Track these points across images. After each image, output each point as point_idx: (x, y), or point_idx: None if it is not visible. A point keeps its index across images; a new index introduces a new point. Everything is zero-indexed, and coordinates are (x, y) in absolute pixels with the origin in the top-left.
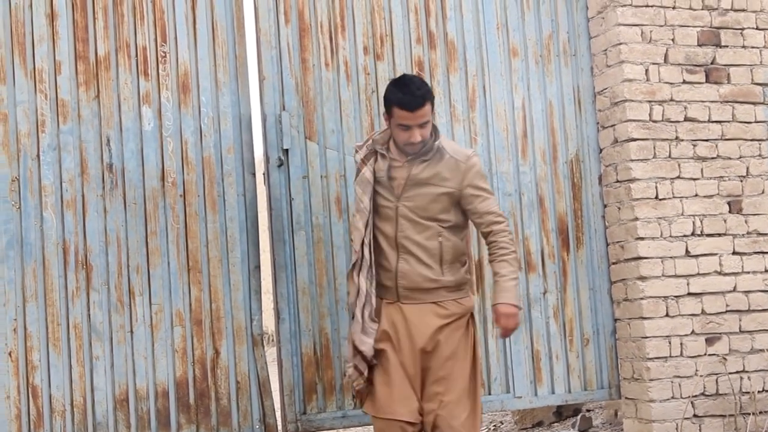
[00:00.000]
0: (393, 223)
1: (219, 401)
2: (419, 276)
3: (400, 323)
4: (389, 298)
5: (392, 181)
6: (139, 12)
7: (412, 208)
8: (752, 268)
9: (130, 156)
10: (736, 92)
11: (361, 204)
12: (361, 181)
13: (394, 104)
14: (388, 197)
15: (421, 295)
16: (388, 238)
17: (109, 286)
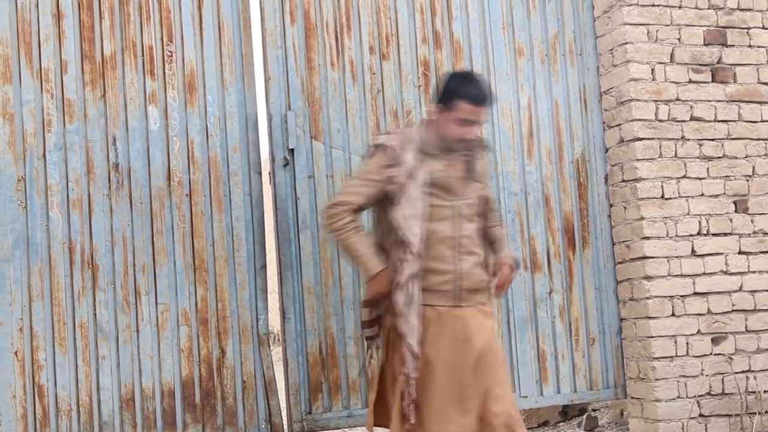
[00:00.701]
0: (452, 222)
1: (225, 401)
2: (476, 276)
3: (459, 328)
4: (442, 303)
5: (449, 180)
6: (145, 11)
7: (469, 205)
8: (758, 268)
9: (136, 155)
10: (743, 92)
11: (418, 209)
12: (418, 183)
13: (461, 98)
14: (445, 197)
15: (476, 296)
16: (445, 239)
17: (115, 286)
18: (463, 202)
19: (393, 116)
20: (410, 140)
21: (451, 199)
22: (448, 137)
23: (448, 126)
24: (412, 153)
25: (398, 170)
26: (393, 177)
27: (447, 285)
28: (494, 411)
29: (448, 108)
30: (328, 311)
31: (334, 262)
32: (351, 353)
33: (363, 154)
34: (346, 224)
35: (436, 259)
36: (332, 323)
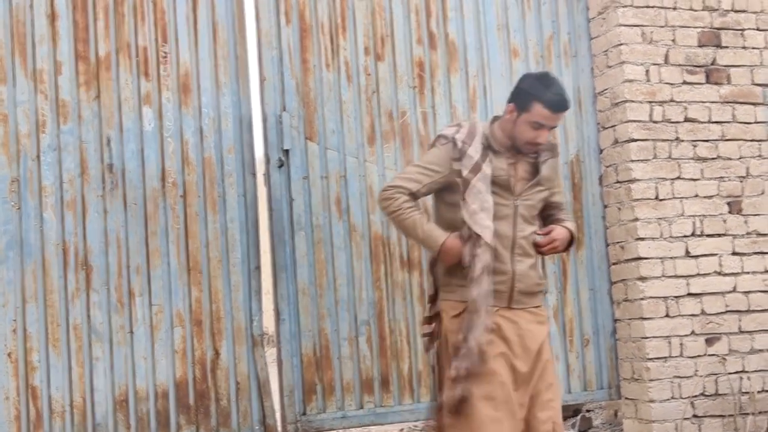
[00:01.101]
0: (510, 222)
1: (219, 402)
2: (531, 279)
3: (512, 331)
4: (496, 303)
5: (510, 179)
6: (139, 12)
7: (528, 207)
8: (752, 269)
9: (130, 156)
10: (737, 93)
11: (486, 204)
12: (484, 178)
13: (538, 101)
14: (505, 195)
15: (529, 300)
16: (503, 238)
17: (109, 287)
18: (524, 203)
19: (388, 117)
20: (476, 135)
21: (511, 198)
22: (518, 138)
23: (519, 127)
24: (477, 148)
25: (463, 164)
26: (459, 171)
27: (501, 285)
28: (541, 417)
29: (524, 109)
30: (323, 312)
31: (328, 263)
32: (345, 354)
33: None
34: (401, 204)
35: (495, 258)
36: (327, 324)
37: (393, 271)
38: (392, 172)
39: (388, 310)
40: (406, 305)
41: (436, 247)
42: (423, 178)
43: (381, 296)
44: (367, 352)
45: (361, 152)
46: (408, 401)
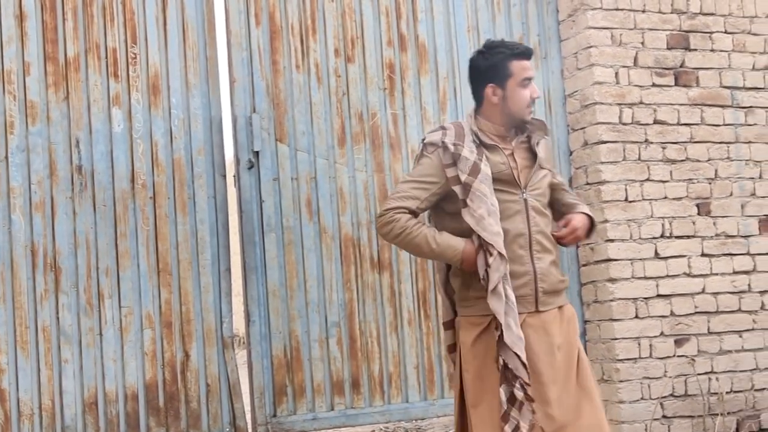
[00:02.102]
0: (523, 217)
1: (189, 404)
2: (554, 276)
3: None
4: (522, 309)
5: (513, 172)
6: (109, 13)
7: (538, 196)
8: (721, 270)
9: (99, 158)
10: (705, 95)
11: (492, 206)
12: (485, 178)
13: (512, 59)
14: (511, 190)
15: (555, 299)
16: (518, 237)
17: (78, 289)
18: (533, 193)
19: (358, 119)
20: (465, 134)
21: (519, 192)
22: (518, 109)
23: (513, 97)
24: (470, 148)
25: (460, 168)
26: (456, 177)
27: (525, 288)
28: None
29: (505, 78)
30: (293, 314)
31: (298, 264)
32: (316, 356)
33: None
34: (405, 224)
35: (512, 261)
36: (297, 326)
37: (363, 272)
38: (362, 174)
39: (359, 311)
40: (377, 306)
41: (458, 256)
42: (420, 193)
43: (351, 297)
44: (338, 353)
45: (331, 154)
46: (379, 403)
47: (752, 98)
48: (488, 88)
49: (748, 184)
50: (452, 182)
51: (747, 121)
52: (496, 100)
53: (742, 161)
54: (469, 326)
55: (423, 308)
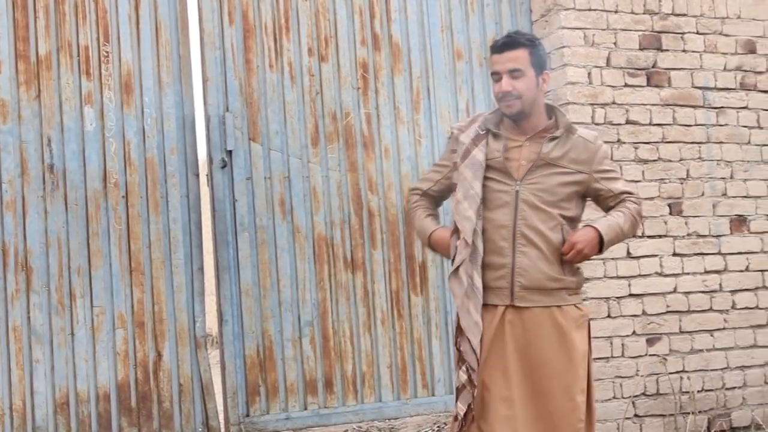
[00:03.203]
0: (510, 209)
1: (161, 404)
2: (541, 273)
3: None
4: (496, 301)
5: (510, 162)
6: (81, 11)
7: (537, 191)
8: (692, 270)
9: (71, 156)
10: (677, 95)
11: (471, 190)
12: (472, 164)
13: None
14: (504, 181)
15: (540, 297)
16: (500, 228)
17: (49, 288)
18: (529, 187)
19: (331, 118)
20: (476, 121)
21: (512, 183)
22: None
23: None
24: (470, 134)
25: (458, 153)
26: (456, 162)
27: (501, 281)
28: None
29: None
30: (266, 313)
31: (272, 263)
32: (289, 356)
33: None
34: (410, 205)
35: (492, 251)
36: (270, 325)
37: (337, 272)
38: (336, 173)
39: (332, 310)
40: (350, 306)
41: (425, 240)
42: (434, 175)
43: (325, 297)
44: (311, 353)
45: (304, 153)
46: (352, 402)
47: (723, 99)
48: None
49: (719, 184)
50: (454, 168)
51: (718, 122)
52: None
53: (714, 161)
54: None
55: (396, 308)
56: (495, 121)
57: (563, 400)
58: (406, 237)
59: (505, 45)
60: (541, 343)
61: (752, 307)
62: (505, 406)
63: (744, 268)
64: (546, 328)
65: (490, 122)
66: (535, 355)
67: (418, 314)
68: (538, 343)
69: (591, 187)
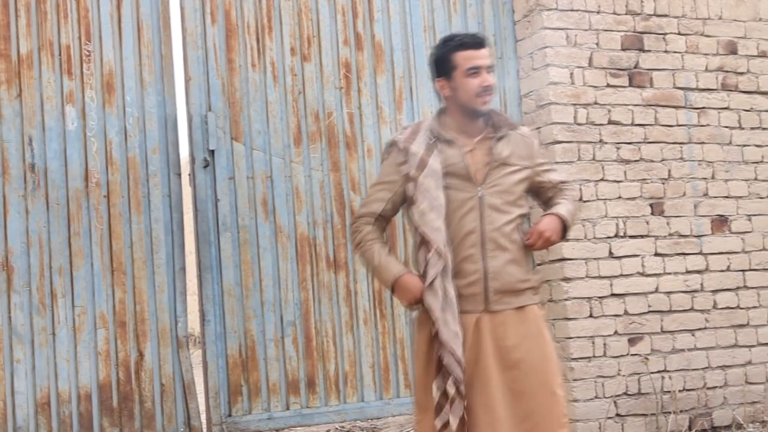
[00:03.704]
0: (476, 215)
1: (143, 404)
2: (511, 275)
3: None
4: (469, 308)
5: (468, 167)
6: (62, 10)
7: (498, 193)
8: (674, 269)
9: (53, 156)
10: (659, 96)
11: (436, 201)
12: (432, 173)
13: (456, 50)
14: (466, 187)
15: (511, 299)
16: (469, 234)
17: (30, 288)
18: (491, 190)
19: (314, 118)
20: (420, 131)
21: (474, 188)
22: (469, 98)
23: (462, 87)
24: (420, 144)
25: (410, 164)
26: (407, 174)
27: (474, 287)
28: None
29: (451, 70)
30: (249, 313)
31: (254, 263)
32: (271, 356)
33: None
34: (363, 237)
35: (462, 259)
36: (252, 325)
37: (319, 271)
38: (318, 173)
39: (315, 310)
40: (332, 306)
41: (388, 282)
42: (383, 194)
43: (307, 297)
44: (293, 353)
45: (287, 153)
46: (334, 402)
47: (705, 99)
48: (438, 82)
49: (700, 185)
50: (405, 180)
51: (700, 122)
52: (447, 93)
53: (695, 162)
54: (422, 322)
55: (379, 308)
56: (439, 127)
57: (544, 395)
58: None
59: (481, 42)
60: (516, 344)
61: (733, 307)
62: (487, 413)
63: (725, 268)
64: (519, 329)
65: (435, 129)
66: (511, 356)
67: (401, 314)
68: (512, 344)
69: (534, 181)
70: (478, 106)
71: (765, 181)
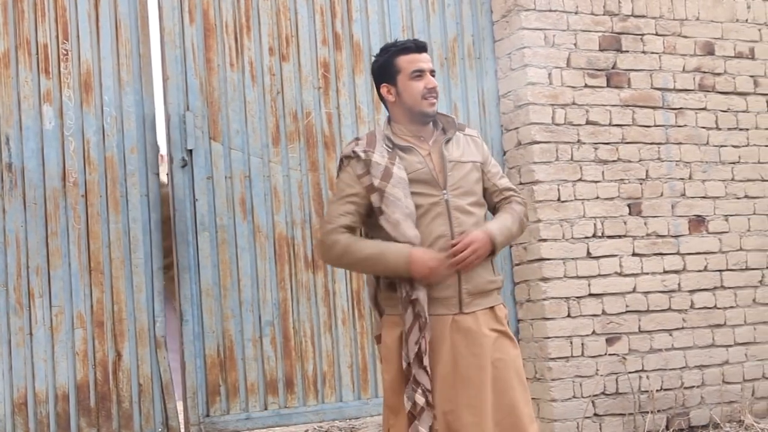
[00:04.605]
0: (444, 219)
1: (121, 404)
2: (481, 277)
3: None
4: (443, 311)
5: (432, 172)
6: (40, 8)
7: (463, 195)
8: (651, 269)
9: (30, 155)
10: (636, 96)
11: (407, 209)
12: (399, 182)
13: (398, 54)
14: (432, 192)
15: (482, 300)
16: (439, 238)
17: (7, 288)
18: (454, 192)
19: (292, 118)
20: (376, 140)
21: (440, 192)
22: (415, 102)
23: (407, 91)
24: (381, 153)
25: (373, 175)
26: (371, 184)
27: (448, 290)
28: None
29: (394, 75)
30: (227, 313)
31: (232, 263)
32: (249, 356)
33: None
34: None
35: None
36: (231, 325)
37: (297, 271)
38: (297, 173)
39: (293, 310)
40: (311, 306)
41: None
42: (348, 207)
43: (285, 297)
44: (272, 353)
45: (265, 152)
46: (312, 402)
47: (682, 100)
48: (382, 88)
49: (678, 185)
50: (369, 191)
51: (677, 123)
52: (392, 99)
53: (673, 162)
54: (392, 326)
55: (357, 308)
56: (391, 135)
57: (521, 389)
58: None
59: (423, 46)
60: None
61: (710, 307)
62: (472, 413)
63: (702, 268)
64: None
65: (390, 138)
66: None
67: None
68: (487, 342)
69: (483, 183)
70: (424, 108)
71: (742, 181)
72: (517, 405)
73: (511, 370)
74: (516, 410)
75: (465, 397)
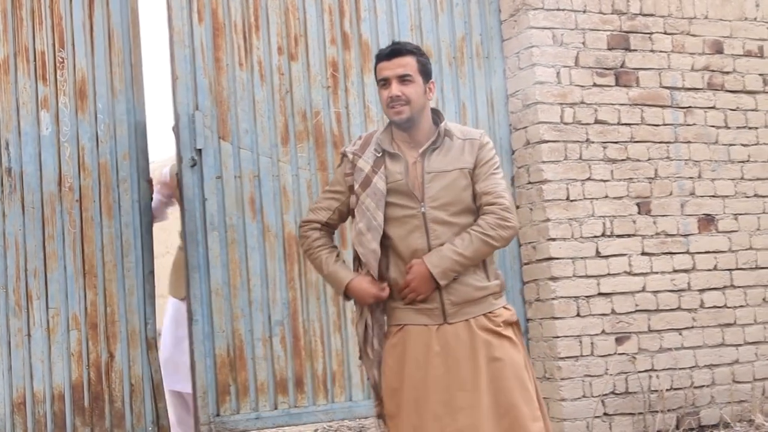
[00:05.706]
0: (422, 232)
1: (113, 404)
2: (467, 285)
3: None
4: (427, 321)
5: (411, 183)
6: (37, 17)
7: (442, 207)
8: (660, 269)
9: (28, 160)
10: (645, 95)
11: (374, 221)
12: (374, 193)
13: (376, 63)
14: (409, 204)
15: (471, 309)
16: (416, 251)
17: (7, 290)
18: (433, 204)
19: (301, 117)
20: (370, 144)
21: (417, 204)
22: (385, 113)
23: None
24: (368, 158)
25: (355, 178)
26: (352, 186)
27: (431, 302)
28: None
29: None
30: (237, 313)
31: (242, 263)
32: (259, 355)
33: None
34: (311, 244)
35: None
36: (240, 325)
37: (307, 270)
38: (306, 172)
39: (302, 310)
40: (320, 305)
41: (340, 289)
42: (330, 203)
43: (295, 296)
44: (281, 352)
45: (274, 152)
46: (322, 401)
47: (691, 98)
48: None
49: (687, 184)
50: (351, 191)
51: (686, 121)
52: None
53: (682, 161)
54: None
55: None
56: (387, 139)
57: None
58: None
59: (394, 52)
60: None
61: (720, 306)
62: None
63: (712, 267)
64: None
65: (384, 142)
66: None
67: None
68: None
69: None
70: (390, 117)
71: (751, 180)
72: (516, 404)
73: (509, 370)
74: (515, 409)
75: (459, 399)
